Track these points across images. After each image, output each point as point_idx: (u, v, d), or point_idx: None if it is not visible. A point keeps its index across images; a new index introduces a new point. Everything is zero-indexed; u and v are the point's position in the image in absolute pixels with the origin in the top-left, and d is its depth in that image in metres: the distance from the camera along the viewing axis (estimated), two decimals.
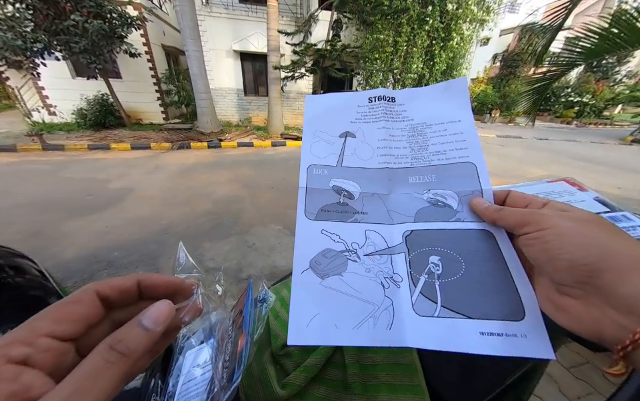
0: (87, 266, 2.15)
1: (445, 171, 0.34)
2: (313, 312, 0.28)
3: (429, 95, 0.39)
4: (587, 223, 0.22)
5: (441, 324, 0.26)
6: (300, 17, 9.11)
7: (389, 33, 6.93)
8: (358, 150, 0.38)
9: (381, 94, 0.40)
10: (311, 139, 0.39)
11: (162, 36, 9.35)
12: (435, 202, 0.33)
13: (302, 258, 0.31)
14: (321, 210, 0.34)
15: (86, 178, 4.19)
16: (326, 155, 0.38)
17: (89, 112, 7.25)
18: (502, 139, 9.17)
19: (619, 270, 0.19)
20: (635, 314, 0.18)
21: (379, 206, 0.34)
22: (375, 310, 0.28)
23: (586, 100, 14.06)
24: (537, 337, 0.24)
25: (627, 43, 1.63)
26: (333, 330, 0.27)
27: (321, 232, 0.32)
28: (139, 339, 0.18)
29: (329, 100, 0.41)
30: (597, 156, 7.01)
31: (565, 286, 0.22)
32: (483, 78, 15.93)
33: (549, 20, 1.91)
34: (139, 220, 2.92)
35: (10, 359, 0.15)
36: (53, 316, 0.18)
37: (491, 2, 7.30)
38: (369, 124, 0.39)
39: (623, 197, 4.06)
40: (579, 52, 1.80)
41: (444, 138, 0.36)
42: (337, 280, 0.30)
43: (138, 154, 5.78)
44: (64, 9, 5.72)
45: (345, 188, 0.35)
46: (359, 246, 0.32)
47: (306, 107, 0.41)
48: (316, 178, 0.36)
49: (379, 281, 0.30)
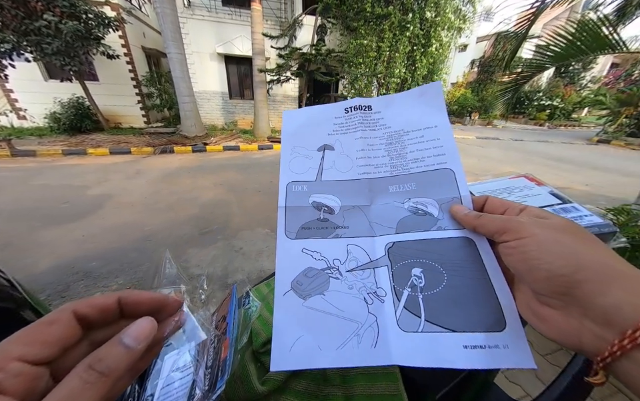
0: (62, 277, 2.04)
1: (424, 179, 0.34)
2: (296, 335, 0.27)
3: (405, 101, 0.38)
4: (563, 232, 0.22)
5: (426, 339, 0.26)
6: (284, 21, 9.15)
7: (372, 39, 7.11)
8: (337, 163, 0.37)
9: (357, 104, 0.39)
10: (290, 155, 0.38)
11: (142, 38, 9.06)
12: (415, 210, 0.33)
13: (283, 279, 0.30)
14: (301, 228, 0.33)
15: (61, 185, 3.96)
16: (305, 170, 0.37)
17: (62, 116, 6.89)
18: (481, 141, 9.61)
19: (597, 281, 0.19)
20: (612, 326, 0.18)
21: (360, 219, 0.34)
22: (358, 328, 0.27)
23: (556, 103, 15.04)
24: (517, 347, 0.24)
25: (590, 49, 1.75)
26: (316, 352, 0.26)
27: (302, 251, 0.32)
28: (119, 357, 0.18)
29: (306, 113, 0.41)
30: (567, 155, 7.51)
31: (543, 295, 0.22)
32: (462, 83, 16.66)
33: (516, 29, 2.06)
34: (118, 228, 2.80)
35: None
36: (24, 339, 0.17)
37: (467, 11, 7.69)
38: (347, 135, 0.38)
39: (591, 193, 4.36)
40: (548, 56, 1.92)
41: (422, 145, 0.35)
42: (319, 300, 0.29)
43: (117, 159, 5.54)
44: (35, 9, 5.42)
45: (324, 203, 0.35)
46: (341, 262, 0.31)
47: (283, 123, 0.41)
48: (295, 195, 0.35)
49: (362, 297, 0.29)
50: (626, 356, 0.17)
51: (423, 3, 6.90)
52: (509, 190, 0.58)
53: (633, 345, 0.17)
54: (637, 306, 0.17)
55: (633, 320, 0.17)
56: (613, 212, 1.98)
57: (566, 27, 1.75)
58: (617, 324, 0.18)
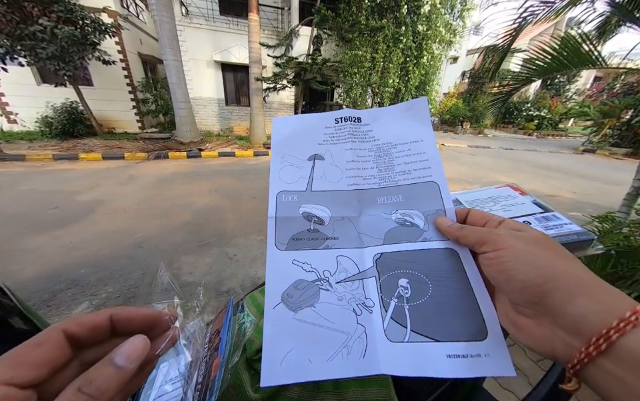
0: (48, 285, 1.98)
1: (410, 191, 0.35)
2: (287, 348, 0.27)
3: (392, 115, 0.40)
4: (536, 244, 0.23)
5: (411, 349, 0.27)
6: (281, 31, 9.33)
7: (366, 50, 7.32)
8: (327, 173, 0.37)
9: (347, 115, 0.40)
10: (280, 164, 0.38)
11: (139, 44, 9.09)
12: (402, 222, 0.34)
13: (273, 292, 0.30)
14: (291, 239, 0.33)
15: (50, 191, 3.87)
16: (295, 180, 0.37)
17: (55, 121, 6.78)
18: (472, 149, 9.84)
19: (565, 291, 0.20)
20: (580, 334, 0.19)
21: (349, 230, 0.34)
22: (348, 339, 0.28)
23: (543, 114, 15.60)
24: (498, 356, 0.25)
25: (572, 64, 1.84)
26: (307, 365, 0.26)
27: (292, 262, 0.32)
28: (110, 378, 0.17)
29: (297, 122, 0.41)
30: (555, 164, 7.75)
31: (519, 305, 0.23)
32: (454, 93, 17.16)
33: (501, 43, 2.16)
34: (109, 234, 2.74)
35: None
36: (11, 361, 0.16)
37: (457, 25, 8.01)
38: (337, 146, 0.39)
39: (578, 201, 4.50)
40: (534, 70, 2.01)
41: (408, 158, 0.37)
42: (309, 312, 0.29)
43: (110, 165, 5.47)
44: (30, 14, 5.40)
45: (315, 214, 0.35)
46: (331, 273, 0.31)
47: (273, 130, 0.40)
48: (285, 205, 0.35)
49: (351, 308, 0.29)
50: (592, 363, 0.18)
51: (415, 17, 7.16)
52: (494, 199, 0.61)
53: (597, 352, 0.18)
54: (601, 314, 0.18)
55: (597, 327, 0.18)
56: (598, 219, 2.06)
57: (550, 43, 1.85)
58: (583, 331, 0.19)
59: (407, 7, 7.02)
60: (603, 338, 0.18)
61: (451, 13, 7.86)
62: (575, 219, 1.65)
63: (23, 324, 0.41)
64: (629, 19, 1.54)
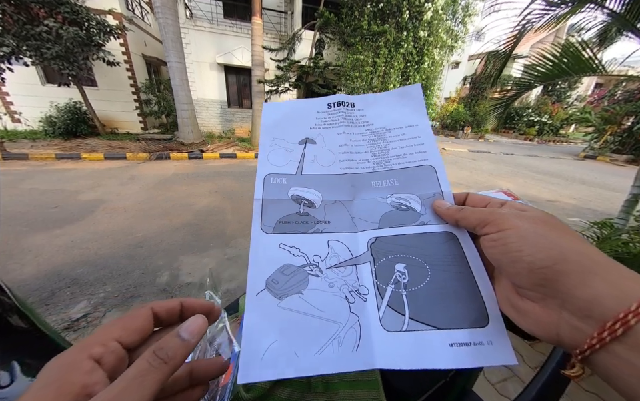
0: (47, 284, 1.99)
1: (406, 175, 0.34)
2: (270, 340, 0.25)
3: (387, 101, 0.39)
4: (544, 224, 0.22)
5: (410, 339, 0.25)
6: (284, 35, 9.42)
7: (368, 54, 7.37)
8: (319, 157, 0.36)
9: (340, 100, 0.39)
10: (269, 147, 0.37)
11: (143, 46, 9.19)
12: (398, 205, 0.33)
13: (257, 277, 0.28)
14: (279, 222, 0.31)
15: (52, 190, 3.90)
16: (285, 163, 0.35)
17: (58, 120, 6.85)
18: (473, 153, 9.85)
19: (578, 272, 0.19)
20: (592, 318, 0.18)
21: (342, 214, 0.32)
22: (339, 330, 0.26)
23: (544, 119, 15.62)
24: (500, 343, 0.24)
25: (573, 71, 1.85)
26: (292, 359, 0.24)
27: (279, 246, 0.30)
28: (176, 348, 0.20)
29: (288, 106, 0.40)
30: (556, 169, 7.75)
31: (523, 288, 0.22)
32: (455, 98, 17.22)
33: (503, 49, 2.17)
34: (109, 234, 2.76)
35: (90, 355, 0.18)
36: (119, 325, 0.21)
37: (459, 31, 8.06)
38: (329, 130, 0.37)
39: (578, 206, 4.49)
40: (536, 76, 2.02)
41: (403, 142, 0.36)
42: (296, 300, 0.27)
43: (112, 165, 5.51)
44: (37, 15, 5.49)
45: (305, 196, 0.33)
46: (321, 258, 0.29)
47: (263, 114, 0.39)
48: (273, 188, 0.34)
49: (344, 296, 0.27)
50: (605, 349, 0.17)
51: (417, 23, 7.21)
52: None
53: (612, 337, 0.16)
54: (618, 298, 0.17)
55: (613, 311, 0.17)
56: (597, 225, 2.06)
57: (551, 50, 1.87)
58: (597, 316, 0.17)
59: (409, 13, 7.08)
60: (620, 322, 0.16)
61: (453, 19, 7.91)
62: (575, 225, 1.67)
63: (21, 322, 0.41)
64: (628, 29, 1.56)
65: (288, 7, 9.71)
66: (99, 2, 7.20)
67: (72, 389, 0.17)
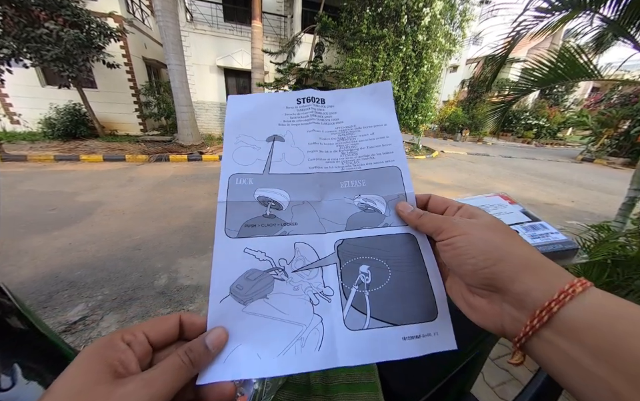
0: (44, 286, 1.98)
1: (373, 176, 0.35)
2: (233, 345, 0.25)
3: (357, 97, 0.39)
4: (488, 229, 0.25)
5: (370, 336, 0.26)
6: (283, 38, 9.48)
7: (367, 58, 7.42)
8: (287, 155, 0.35)
9: (310, 96, 0.38)
10: (234, 144, 0.34)
11: (143, 48, 9.22)
12: (365, 207, 0.33)
13: (221, 284, 0.27)
14: (244, 226, 0.30)
15: (50, 191, 3.89)
16: (251, 162, 0.34)
17: (57, 122, 6.84)
18: (472, 156, 9.90)
19: (512, 270, 0.22)
20: (525, 309, 0.20)
21: (310, 215, 0.32)
22: (302, 331, 0.26)
23: (542, 123, 15.74)
24: (445, 333, 0.27)
25: (569, 76, 1.88)
26: (254, 361, 0.25)
27: (244, 251, 0.29)
28: (202, 353, 0.23)
29: (255, 100, 0.38)
30: (554, 172, 7.79)
31: (473, 286, 0.25)
32: (453, 101, 17.34)
33: (499, 53, 2.20)
34: (107, 236, 2.75)
35: (123, 338, 0.21)
36: (151, 323, 0.24)
37: (457, 35, 8.14)
38: (299, 127, 0.36)
39: (576, 209, 4.51)
40: (532, 81, 2.04)
41: (372, 142, 0.36)
42: (261, 304, 0.27)
43: (111, 167, 5.50)
44: (37, 17, 5.51)
45: (272, 198, 0.32)
46: (287, 262, 0.29)
47: (228, 108, 0.37)
48: (238, 189, 0.32)
49: (308, 298, 0.28)
50: (536, 335, 0.20)
51: (416, 27, 7.28)
52: (484, 208, 0.62)
53: (541, 324, 0.19)
54: (544, 291, 0.20)
55: (540, 301, 0.20)
56: (595, 228, 2.07)
57: (547, 55, 1.89)
58: (528, 306, 0.20)
59: (407, 18, 7.14)
60: (545, 309, 0.19)
61: (451, 24, 7.99)
62: (573, 228, 1.68)
63: (20, 323, 0.42)
64: (621, 35, 1.58)
65: (287, 11, 9.79)
66: (99, 5, 7.24)
67: (111, 361, 0.19)
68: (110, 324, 1.70)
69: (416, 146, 9.75)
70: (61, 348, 0.43)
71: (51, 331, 0.44)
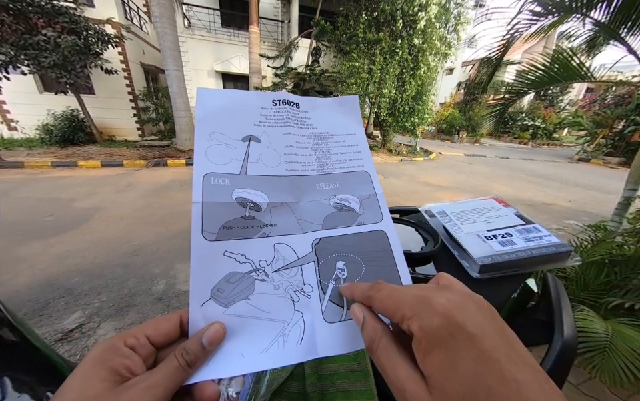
0: (41, 294, 1.96)
1: (346, 178, 0.37)
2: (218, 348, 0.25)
3: (328, 107, 0.40)
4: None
5: (346, 327, 0.28)
6: (281, 43, 9.56)
7: (363, 61, 7.49)
8: (264, 157, 0.34)
9: (285, 99, 0.38)
10: (207, 142, 0.32)
11: (141, 54, 9.26)
12: (340, 207, 0.35)
13: (201, 288, 0.26)
14: (222, 228, 0.29)
15: (47, 198, 3.87)
16: (226, 161, 0.32)
17: (55, 128, 6.83)
18: (469, 158, 9.96)
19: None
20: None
21: (288, 217, 0.33)
22: (284, 328, 0.27)
23: (538, 123, 15.89)
24: None
25: (563, 77, 1.91)
26: (238, 360, 0.25)
27: (224, 254, 0.28)
28: (198, 352, 0.23)
29: (228, 96, 0.36)
30: (550, 172, 7.84)
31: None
32: (450, 103, 17.49)
33: (494, 55, 2.23)
34: (105, 242, 2.73)
35: (126, 343, 0.21)
36: (153, 324, 0.24)
37: (452, 38, 8.24)
38: (275, 129, 0.36)
39: (574, 209, 4.53)
40: (528, 83, 2.07)
41: (343, 148, 0.39)
42: (243, 305, 0.27)
43: (108, 172, 5.48)
44: (35, 25, 5.52)
45: (251, 199, 0.32)
46: (267, 263, 0.30)
47: (198, 101, 0.34)
48: (215, 189, 0.30)
49: (289, 296, 0.29)
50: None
51: (411, 31, 7.36)
52: (479, 211, 0.63)
53: None
54: None
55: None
56: (592, 228, 2.08)
57: (541, 58, 1.92)
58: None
59: (403, 22, 7.22)
60: None
61: (446, 27, 8.09)
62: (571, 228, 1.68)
63: (11, 335, 0.41)
64: (612, 37, 1.61)
65: (284, 16, 9.89)
66: (97, 11, 7.28)
67: (116, 367, 0.20)
68: (107, 332, 1.68)
69: (414, 148, 9.81)
70: (52, 359, 0.43)
71: (43, 342, 0.43)
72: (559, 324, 0.41)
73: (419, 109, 8.46)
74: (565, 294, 0.47)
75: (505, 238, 0.53)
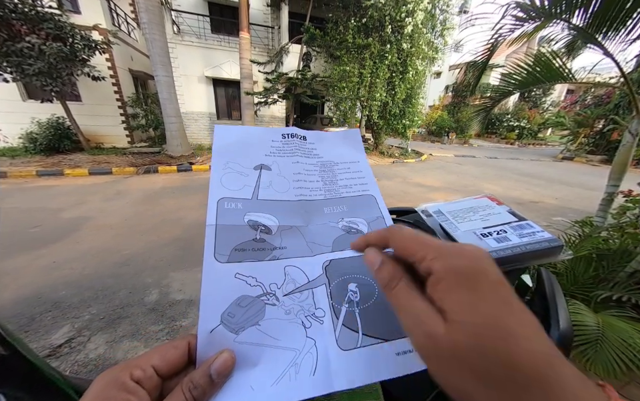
0: (27, 308, 1.87)
1: (353, 202, 0.38)
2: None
3: (333, 140, 0.45)
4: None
5: (364, 355, 0.26)
6: (271, 49, 9.61)
7: (354, 66, 7.60)
8: (274, 183, 0.37)
9: (294, 132, 0.42)
10: (222, 170, 0.36)
11: (130, 60, 9.11)
12: (348, 229, 0.36)
13: (211, 313, 0.26)
14: (234, 250, 0.30)
15: (32, 208, 3.73)
16: (239, 187, 0.35)
17: (40, 136, 6.61)
18: (459, 158, 10.19)
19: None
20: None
21: (298, 239, 0.33)
22: (296, 357, 0.26)
23: (523, 124, 16.46)
24: None
25: (546, 78, 1.98)
26: (247, 393, 0.23)
27: (235, 276, 0.28)
28: (206, 387, 0.21)
29: (242, 132, 0.40)
30: (537, 171, 8.11)
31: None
32: (439, 106, 17.93)
33: (480, 59, 2.31)
34: (94, 253, 2.65)
35: (132, 376, 0.20)
36: (159, 353, 0.22)
37: (439, 43, 8.49)
38: (284, 158, 0.39)
39: (560, 206, 4.69)
40: (512, 84, 2.14)
41: (349, 175, 0.41)
42: (253, 332, 0.26)
43: (97, 180, 5.33)
44: (19, 31, 5.36)
45: (262, 222, 0.33)
46: (278, 286, 0.29)
47: (215, 137, 0.38)
48: (228, 213, 0.32)
49: (300, 321, 0.28)
50: None
51: (399, 36, 7.54)
52: (474, 210, 0.64)
53: None
54: None
55: None
56: (579, 224, 2.16)
57: (524, 59, 2.00)
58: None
59: (391, 27, 7.39)
60: None
61: (432, 32, 8.32)
62: (559, 224, 1.73)
63: (2, 349, 0.39)
64: (590, 41, 1.69)
65: (274, 22, 9.95)
66: (83, 18, 7.14)
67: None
68: (97, 345, 1.62)
69: (405, 150, 9.97)
70: (45, 372, 0.41)
71: (35, 355, 0.42)
72: (555, 317, 0.42)
73: (409, 112, 8.63)
74: (559, 288, 0.48)
75: (500, 234, 0.54)
